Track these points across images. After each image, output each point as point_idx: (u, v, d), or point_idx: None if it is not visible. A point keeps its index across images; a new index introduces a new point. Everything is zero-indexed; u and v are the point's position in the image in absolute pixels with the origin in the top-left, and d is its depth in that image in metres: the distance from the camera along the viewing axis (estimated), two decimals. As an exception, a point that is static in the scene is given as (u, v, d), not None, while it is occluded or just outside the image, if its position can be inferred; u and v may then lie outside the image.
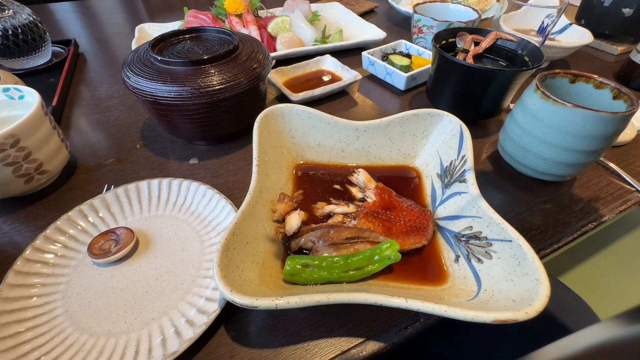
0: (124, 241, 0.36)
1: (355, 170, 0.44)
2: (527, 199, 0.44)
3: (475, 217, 0.34)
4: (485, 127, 0.56)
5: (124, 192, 0.41)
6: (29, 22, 0.66)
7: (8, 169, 0.38)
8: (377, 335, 0.31)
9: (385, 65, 0.64)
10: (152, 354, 0.28)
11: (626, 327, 0.21)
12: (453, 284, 0.32)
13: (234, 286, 0.26)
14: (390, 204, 0.39)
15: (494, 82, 0.48)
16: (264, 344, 0.31)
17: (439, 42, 0.56)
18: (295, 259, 0.32)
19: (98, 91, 0.66)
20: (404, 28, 0.93)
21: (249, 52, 0.49)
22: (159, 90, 0.43)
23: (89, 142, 0.54)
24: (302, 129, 0.45)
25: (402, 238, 0.36)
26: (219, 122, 0.48)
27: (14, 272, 0.33)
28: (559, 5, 0.55)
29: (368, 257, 0.32)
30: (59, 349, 0.29)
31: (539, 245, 0.39)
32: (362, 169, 0.43)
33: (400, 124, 0.44)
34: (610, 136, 0.38)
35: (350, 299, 0.27)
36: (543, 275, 0.26)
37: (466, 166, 0.38)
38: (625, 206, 0.43)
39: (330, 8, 0.95)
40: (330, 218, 0.39)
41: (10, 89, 0.43)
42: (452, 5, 0.78)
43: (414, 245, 0.35)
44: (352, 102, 0.63)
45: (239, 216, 0.32)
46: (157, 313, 0.32)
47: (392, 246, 0.32)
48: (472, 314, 0.24)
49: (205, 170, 0.48)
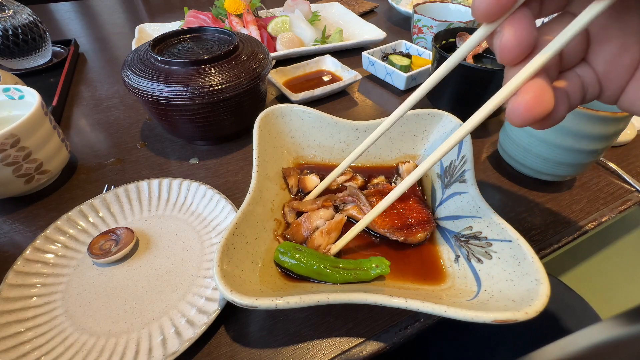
0: (124, 241, 0.36)
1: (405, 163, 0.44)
2: (527, 199, 0.44)
3: (475, 217, 0.34)
4: (485, 127, 0.56)
5: (124, 192, 0.41)
6: (29, 22, 0.66)
7: (8, 169, 0.38)
8: (377, 335, 0.31)
9: (385, 65, 0.64)
10: (152, 354, 0.28)
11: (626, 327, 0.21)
12: (453, 284, 0.32)
13: (234, 286, 0.26)
14: (403, 198, 0.39)
15: (494, 82, 0.48)
16: (264, 344, 0.31)
17: (438, 42, 0.56)
18: (289, 243, 0.34)
19: (98, 91, 0.66)
20: (404, 28, 0.93)
21: (249, 52, 0.49)
22: (159, 90, 0.43)
23: (89, 142, 0.54)
24: (302, 129, 0.45)
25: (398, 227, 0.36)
26: (219, 122, 0.48)
27: (14, 272, 0.33)
28: (559, 5, 0.55)
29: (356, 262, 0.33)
30: (59, 349, 0.29)
31: (539, 245, 0.39)
32: (411, 164, 0.43)
33: (400, 124, 0.44)
34: (610, 136, 0.38)
35: (350, 299, 0.27)
36: (543, 276, 0.26)
37: (466, 166, 0.38)
38: (625, 206, 0.43)
39: (330, 8, 0.95)
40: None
41: (10, 89, 0.43)
42: (452, 6, 0.78)
43: (412, 236, 0.35)
44: (352, 102, 0.63)
45: (239, 216, 0.32)
46: (157, 313, 0.32)
47: (381, 262, 0.32)
48: (472, 314, 0.24)
49: (205, 170, 0.48)
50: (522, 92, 0.21)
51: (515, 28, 0.20)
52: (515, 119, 0.21)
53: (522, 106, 0.20)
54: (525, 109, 0.20)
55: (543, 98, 0.20)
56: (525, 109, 0.20)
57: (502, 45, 0.20)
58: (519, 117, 0.21)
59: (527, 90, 0.20)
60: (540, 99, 0.20)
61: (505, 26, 0.20)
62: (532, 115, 0.20)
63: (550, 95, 0.20)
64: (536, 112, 0.20)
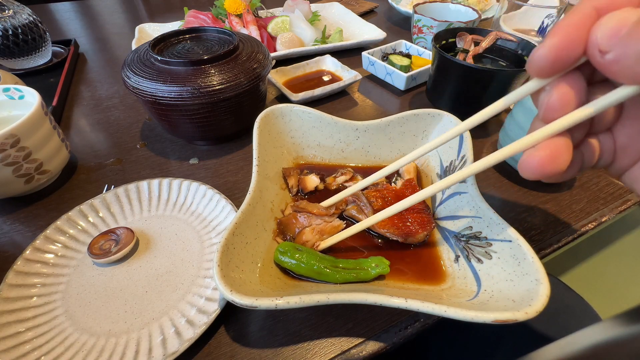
0: (124, 241, 0.36)
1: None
2: (527, 199, 0.44)
3: (475, 217, 0.34)
4: (485, 127, 0.56)
5: (124, 192, 0.41)
6: (29, 22, 0.66)
7: (8, 169, 0.38)
8: (377, 335, 0.31)
9: (385, 66, 0.64)
10: (152, 354, 0.29)
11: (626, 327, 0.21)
12: (453, 284, 0.32)
13: (234, 286, 0.26)
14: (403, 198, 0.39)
15: (493, 82, 0.48)
16: (264, 344, 0.31)
17: (439, 42, 0.56)
18: (289, 243, 0.34)
19: (98, 91, 0.66)
20: (404, 28, 0.93)
21: (249, 52, 0.49)
22: (159, 90, 0.43)
23: (89, 142, 0.54)
24: (302, 129, 0.45)
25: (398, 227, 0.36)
26: (219, 122, 0.48)
27: (14, 272, 0.33)
28: (559, 5, 0.55)
29: (356, 262, 0.33)
30: (59, 349, 0.29)
31: (539, 245, 0.39)
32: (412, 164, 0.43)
33: (400, 124, 0.44)
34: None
35: (350, 299, 0.27)
36: (543, 276, 0.26)
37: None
38: (625, 206, 0.43)
39: (330, 8, 0.95)
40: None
41: (10, 89, 0.43)
42: (452, 6, 0.78)
43: (412, 236, 0.35)
44: (352, 102, 0.63)
45: (239, 216, 0.32)
46: (157, 313, 0.32)
47: (381, 262, 0.33)
48: (471, 314, 0.24)
49: (205, 170, 0.48)
50: (541, 147, 0.21)
51: (564, 91, 0.20)
52: (526, 171, 0.22)
53: (536, 161, 0.21)
54: (539, 165, 0.21)
55: (558, 158, 0.21)
56: (539, 164, 0.21)
57: (549, 105, 0.21)
58: (530, 170, 0.21)
59: (545, 147, 0.21)
60: (555, 158, 0.21)
61: (556, 87, 0.20)
62: (544, 172, 0.21)
63: (566, 157, 0.21)
64: (548, 170, 0.21)
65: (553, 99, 0.20)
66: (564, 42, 0.19)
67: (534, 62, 0.20)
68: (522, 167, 0.22)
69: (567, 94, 0.20)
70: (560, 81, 0.20)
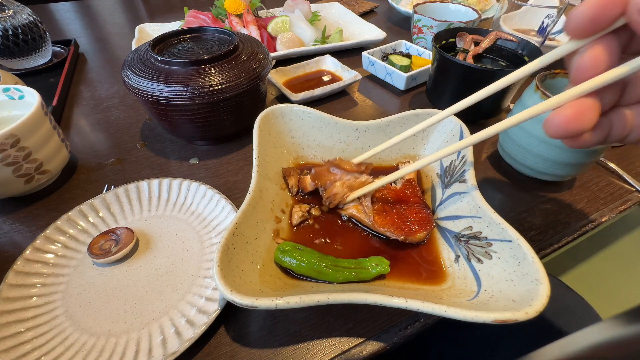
0: (124, 241, 0.36)
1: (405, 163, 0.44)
2: (527, 199, 0.44)
3: (475, 217, 0.34)
4: (485, 127, 0.56)
5: (124, 192, 0.41)
6: (29, 22, 0.66)
7: (8, 169, 0.38)
8: (377, 335, 0.31)
9: (385, 66, 0.64)
10: (152, 354, 0.29)
11: (626, 327, 0.21)
12: (453, 284, 0.32)
13: (234, 286, 0.26)
14: (403, 198, 0.39)
15: (493, 82, 0.48)
16: (264, 344, 0.31)
17: (439, 42, 0.56)
18: (289, 242, 0.34)
19: (98, 91, 0.66)
20: (404, 28, 0.93)
21: (249, 52, 0.49)
22: (159, 90, 0.43)
23: (89, 142, 0.54)
24: (302, 129, 0.45)
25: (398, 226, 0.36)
26: (219, 122, 0.48)
27: (14, 272, 0.33)
28: (559, 5, 0.55)
29: (356, 261, 0.33)
30: (59, 349, 0.29)
31: (539, 245, 0.39)
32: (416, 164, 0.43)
33: (400, 124, 0.44)
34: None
35: (350, 299, 0.27)
36: (543, 276, 0.26)
37: (466, 166, 0.38)
38: (625, 206, 0.43)
39: (330, 8, 0.95)
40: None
41: (10, 89, 0.43)
42: (452, 5, 0.78)
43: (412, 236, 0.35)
44: (352, 102, 0.63)
45: (239, 216, 0.32)
46: (157, 313, 0.32)
47: (381, 261, 0.33)
48: (472, 314, 0.24)
49: (205, 170, 0.48)
50: (567, 106, 0.21)
51: (598, 52, 0.20)
52: (550, 128, 0.22)
53: (560, 118, 0.21)
54: (564, 121, 0.21)
55: (584, 116, 0.21)
56: (564, 121, 0.21)
57: (580, 63, 0.21)
58: (554, 128, 0.21)
59: (572, 106, 0.21)
60: (580, 116, 0.21)
61: (590, 47, 0.20)
62: (567, 129, 0.21)
63: (591, 117, 0.21)
64: (572, 127, 0.21)
65: (585, 58, 0.20)
66: (603, 0, 0.19)
67: (573, 20, 0.20)
68: (546, 124, 0.22)
69: (600, 54, 0.20)
70: (595, 42, 0.20)
